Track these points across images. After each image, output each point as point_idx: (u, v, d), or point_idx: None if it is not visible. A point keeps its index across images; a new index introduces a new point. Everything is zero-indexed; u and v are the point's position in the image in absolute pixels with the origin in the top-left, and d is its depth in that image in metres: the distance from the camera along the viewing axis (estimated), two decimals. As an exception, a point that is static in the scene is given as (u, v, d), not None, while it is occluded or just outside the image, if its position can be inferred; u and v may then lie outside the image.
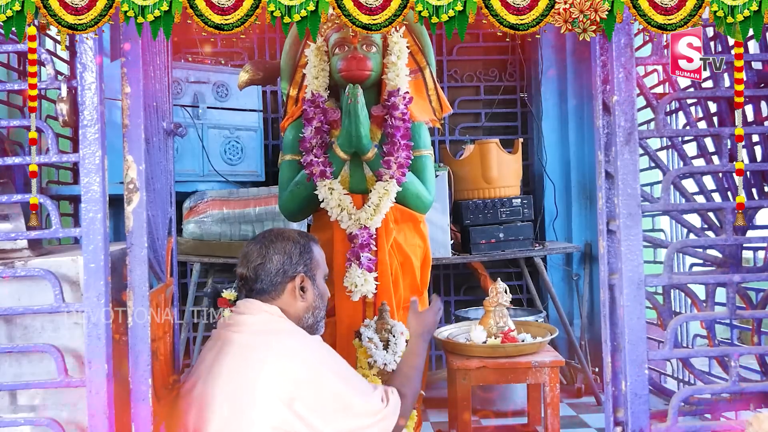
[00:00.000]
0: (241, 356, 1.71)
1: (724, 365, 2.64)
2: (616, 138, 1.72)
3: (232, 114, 3.84)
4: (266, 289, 1.82)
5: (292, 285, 1.83)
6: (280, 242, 1.85)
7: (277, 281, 1.82)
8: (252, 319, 1.79)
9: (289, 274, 1.82)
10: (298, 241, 1.87)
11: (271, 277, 1.81)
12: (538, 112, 4.22)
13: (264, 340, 1.73)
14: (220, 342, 1.79)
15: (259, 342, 1.73)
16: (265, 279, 1.82)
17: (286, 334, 1.76)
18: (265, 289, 1.82)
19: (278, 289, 1.82)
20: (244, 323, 1.79)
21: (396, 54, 2.49)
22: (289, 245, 1.84)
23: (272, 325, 1.78)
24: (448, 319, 4.16)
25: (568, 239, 4.17)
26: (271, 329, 1.77)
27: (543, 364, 2.52)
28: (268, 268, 1.82)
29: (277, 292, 1.82)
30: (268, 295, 1.82)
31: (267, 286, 1.82)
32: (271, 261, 1.82)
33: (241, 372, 1.68)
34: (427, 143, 2.60)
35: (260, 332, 1.76)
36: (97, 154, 1.60)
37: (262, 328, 1.77)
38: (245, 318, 1.80)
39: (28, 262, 1.74)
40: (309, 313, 1.86)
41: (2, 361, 1.71)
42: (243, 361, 1.70)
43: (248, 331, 1.77)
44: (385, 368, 2.24)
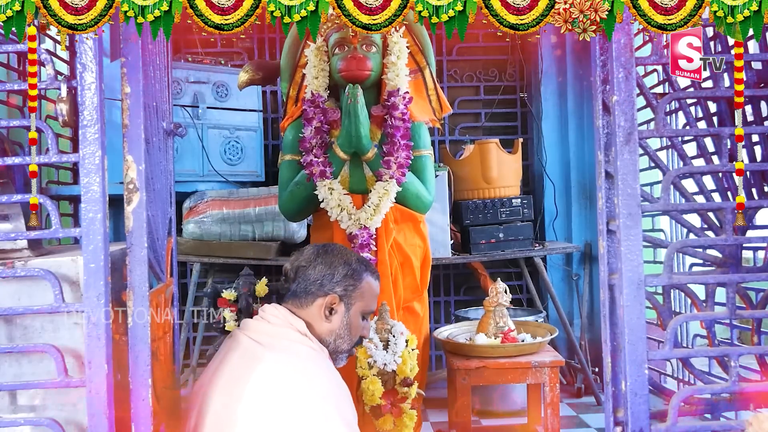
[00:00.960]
0: (242, 359, 1.69)
1: (724, 365, 2.64)
2: (615, 138, 1.72)
3: (232, 114, 3.84)
4: (298, 294, 1.78)
5: (322, 301, 1.77)
6: (332, 256, 1.81)
7: (311, 290, 1.77)
8: (270, 329, 1.74)
9: (325, 289, 1.77)
10: (350, 264, 1.81)
11: (307, 284, 1.78)
12: (538, 112, 4.22)
13: (267, 349, 1.67)
14: (231, 341, 1.77)
15: (263, 349, 1.68)
16: (301, 283, 1.78)
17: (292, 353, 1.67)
18: (297, 293, 1.79)
19: (309, 299, 1.78)
20: (260, 330, 1.74)
21: (396, 54, 2.49)
22: (339, 263, 1.80)
23: (286, 341, 1.70)
24: (448, 319, 4.17)
25: (568, 239, 4.17)
26: (281, 344, 1.69)
27: (543, 364, 2.52)
28: (309, 274, 1.78)
29: (308, 301, 1.78)
30: (299, 300, 1.78)
31: (300, 291, 1.78)
32: (315, 269, 1.78)
33: (237, 375, 1.66)
34: (427, 143, 2.60)
35: (269, 343, 1.70)
36: (97, 154, 1.60)
37: (274, 340, 1.71)
38: (264, 326, 1.75)
39: (28, 262, 1.73)
40: (331, 338, 1.78)
41: (2, 361, 1.71)
42: (242, 363, 1.67)
43: (258, 338, 1.72)
44: (385, 368, 2.24)
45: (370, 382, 2.23)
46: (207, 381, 1.75)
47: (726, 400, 2.44)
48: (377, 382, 2.22)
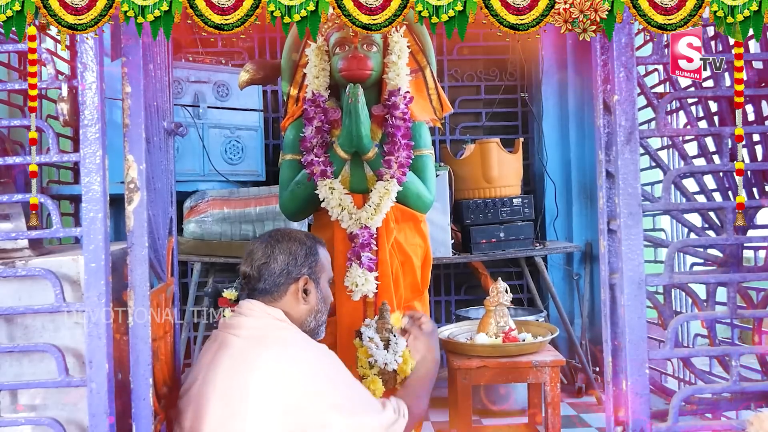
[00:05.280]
0: (236, 360, 1.68)
1: (724, 365, 2.64)
2: (616, 137, 1.72)
3: (233, 114, 3.84)
4: (269, 290, 1.80)
5: (295, 287, 1.80)
6: (286, 242, 1.82)
7: (280, 282, 1.79)
8: (252, 322, 1.76)
9: (293, 275, 1.80)
10: (305, 243, 1.84)
11: (274, 278, 1.79)
12: (539, 112, 4.22)
13: (260, 346, 1.68)
14: (218, 344, 1.77)
15: (256, 347, 1.68)
16: (269, 279, 1.79)
17: (285, 342, 1.71)
18: (267, 289, 1.80)
19: (281, 290, 1.80)
20: (244, 326, 1.76)
21: (396, 53, 2.49)
22: (295, 246, 1.82)
23: (273, 331, 1.74)
24: (448, 318, 4.17)
25: (569, 239, 4.17)
26: (270, 335, 1.73)
27: (544, 364, 2.52)
28: (273, 268, 1.79)
29: (280, 293, 1.80)
30: (271, 295, 1.80)
31: (270, 287, 1.79)
32: (276, 261, 1.79)
33: (235, 378, 1.65)
34: (428, 143, 2.60)
35: (259, 337, 1.72)
36: (98, 153, 1.60)
37: (261, 333, 1.73)
38: (245, 320, 1.77)
39: (29, 262, 1.73)
40: (311, 317, 1.83)
41: (3, 361, 1.71)
42: (238, 365, 1.67)
43: (247, 335, 1.73)
44: (385, 368, 2.24)
45: (370, 381, 2.23)
46: (197, 383, 1.73)
47: (727, 399, 2.44)
48: (378, 382, 2.22)
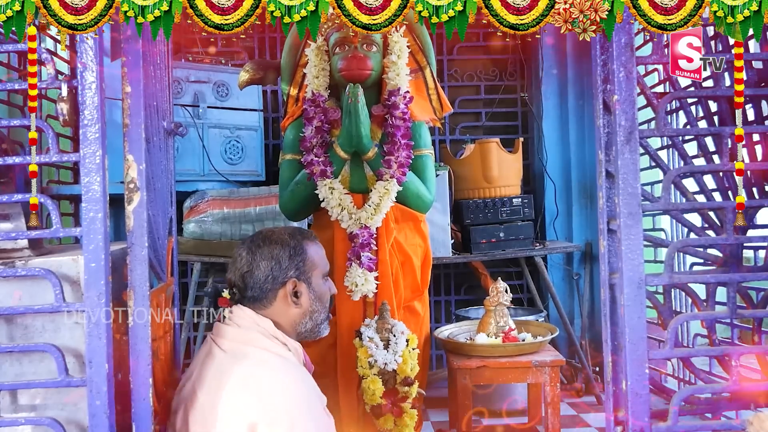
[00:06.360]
0: (215, 374, 1.63)
1: (724, 364, 2.64)
2: (616, 137, 1.72)
3: (233, 113, 3.84)
4: (257, 297, 1.71)
5: (283, 291, 1.71)
6: (267, 247, 1.72)
7: (267, 288, 1.70)
8: (237, 333, 1.69)
9: (280, 280, 1.71)
10: (288, 243, 1.73)
11: (260, 285, 1.70)
12: (539, 112, 4.22)
13: (236, 363, 1.63)
14: (205, 352, 1.72)
15: (233, 364, 1.63)
16: (254, 287, 1.70)
17: (263, 364, 1.63)
18: (256, 297, 1.71)
19: (269, 296, 1.71)
20: (228, 336, 1.70)
21: (396, 53, 2.49)
22: (277, 249, 1.72)
23: (255, 350, 1.66)
24: (448, 318, 4.17)
25: (569, 239, 4.17)
26: (251, 354, 1.64)
27: (543, 364, 2.52)
28: (257, 275, 1.70)
29: (269, 299, 1.71)
30: (260, 302, 1.72)
31: (257, 294, 1.71)
32: (259, 268, 1.70)
33: (210, 394, 1.61)
34: (428, 142, 2.60)
35: (238, 353, 1.65)
36: (98, 153, 1.60)
37: (242, 350, 1.66)
38: (230, 331, 1.70)
39: (29, 262, 1.73)
40: (306, 318, 1.75)
41: (3, 361, 1.71)
42: (217, 380, 1.62)
43: (228, 347, 1.67)
44: (385, 367, 2.24)
45: (370, 381, 2.23)
46: (187, 392, 1.70)
47: (727, 399, 2.44)
48: (378, 382, 2.23)
